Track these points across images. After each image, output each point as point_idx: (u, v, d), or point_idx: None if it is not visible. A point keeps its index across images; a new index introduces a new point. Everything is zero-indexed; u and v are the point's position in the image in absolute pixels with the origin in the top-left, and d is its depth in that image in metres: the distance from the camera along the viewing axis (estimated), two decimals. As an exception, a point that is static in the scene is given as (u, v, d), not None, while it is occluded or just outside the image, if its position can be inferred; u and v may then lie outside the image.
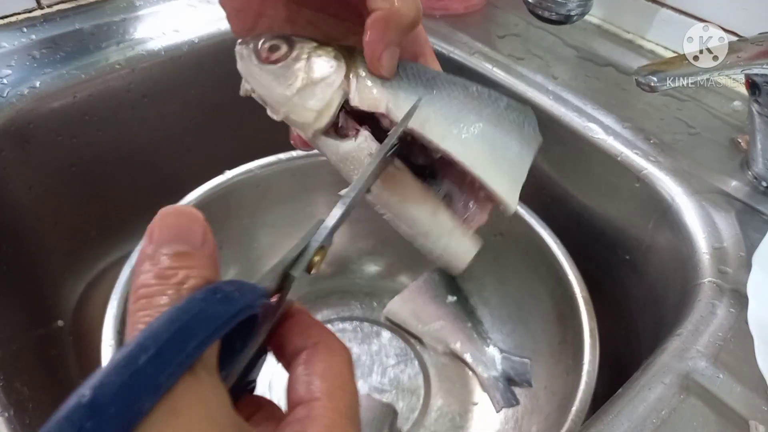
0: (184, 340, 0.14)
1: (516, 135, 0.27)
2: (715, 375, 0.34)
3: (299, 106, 0.26)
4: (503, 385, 0.52)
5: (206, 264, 0.17)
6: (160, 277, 0.16)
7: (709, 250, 0.42)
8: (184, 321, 0.14)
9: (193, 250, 0.16)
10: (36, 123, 0.52)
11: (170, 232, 0.17)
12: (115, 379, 0.13)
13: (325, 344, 0.19)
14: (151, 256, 0.16)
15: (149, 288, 0.15)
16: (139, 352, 0.13)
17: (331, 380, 0.18)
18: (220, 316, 0.15)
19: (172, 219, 0.17)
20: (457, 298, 0.58)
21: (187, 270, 0.16)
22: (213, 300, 0.15)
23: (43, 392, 0.47)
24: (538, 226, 0.50)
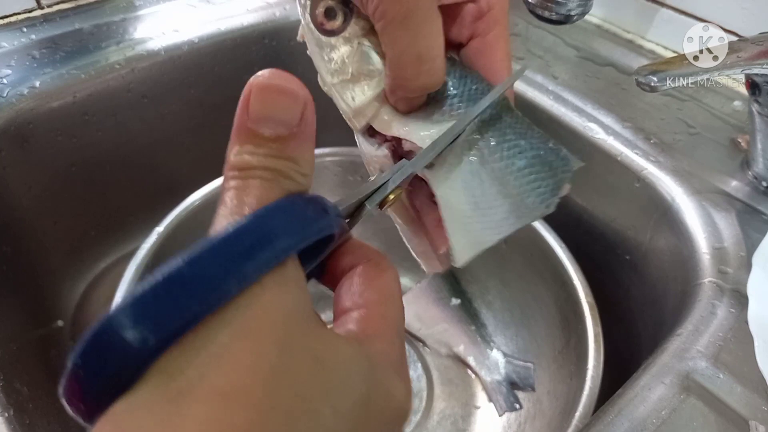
0: (277, 240, 0.14)
1: (512, 202, 0.25)
2: (715, 375, 0.34)
3: (341, 92, 0.26)
4: (506, 389, 0.52)
5: (303, 151, 0.16)
6: (260, 164, 0.16)
7: (710, 250, 0.42)
8: (282, 222, 0.15)
9: (290, 133, 0.16)
10: (36, 123, 0.52)
11: (266, 110, 0.16)
12: (210, 260, 0.13)
13: (374, 261, 0.19)
14: (246, 131, 0.16)
15: (244, 167, 0.15)
16: (234, 241, 0.14)
17: (380, 292, 0.18)
18: (311, 227, 0.16)
19: (269, 94, 0.16)
20: (461, 301, 0.58)
21: (286, 163, 0.16)
22: (304, 209, 0.16)
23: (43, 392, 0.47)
24: (542, 230, 0.50)
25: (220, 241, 0.14)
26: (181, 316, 0.13)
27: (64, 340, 0.57)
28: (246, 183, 0.15)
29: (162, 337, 0.13)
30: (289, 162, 0.16)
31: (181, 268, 0.13)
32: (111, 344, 0.12)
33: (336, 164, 0.56)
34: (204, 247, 0.14)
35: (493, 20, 0.23)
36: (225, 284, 0.13)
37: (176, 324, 0.13)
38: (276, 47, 0.64)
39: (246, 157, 0.16)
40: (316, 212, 0.16)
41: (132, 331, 0.12)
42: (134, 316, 0.12)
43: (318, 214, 0.16)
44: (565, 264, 0.47)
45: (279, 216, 0.15)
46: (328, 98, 0.27)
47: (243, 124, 0.16)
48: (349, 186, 0.58)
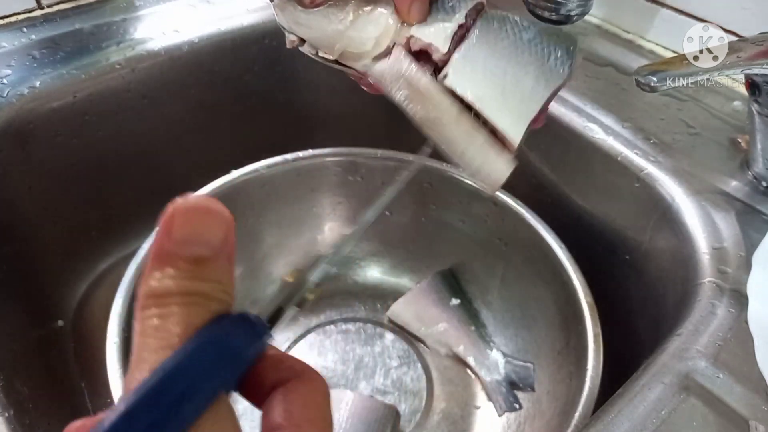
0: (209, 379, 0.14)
1: (534, 69, 0.27)
2: (715, 375, 0.34)
3: (355, 38, 0.27)
4: (506, 389, 0.52)
5: (225, 273, 0.16)
6: (180, 289, 0.15)
7: (709, 250, 0.42)
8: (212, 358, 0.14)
9: (213, 255, 0.15)
10: (36, 123, 0.52)
11: (191, 231, 0.15)
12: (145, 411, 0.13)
13: (305, 376, 0.18)
14: (164, 255, 0.15)
15: (166, 299, 0.15)
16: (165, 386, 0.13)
17: (312, 410, 0.17)
18: (243, 356, 0.15)
19: (194, 215, 0.16)
20: (461, 301, 0.58)
21: (209, 285, 0.15)
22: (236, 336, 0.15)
23: (43, 392, 0.47)
24: (542, 230, 0.50)
25: (150, 390, 0.13)
26: None
27: (64, 340, 0.57)
28: (170, 311, 0.15)
29: None
30: (214, 283, 0.15)
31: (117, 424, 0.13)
32: None
33: (336, 164, 0.56)
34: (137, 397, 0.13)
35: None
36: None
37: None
38: (276, 47, 0.64)
39: (167, 282, 0.15)
40: (245, 336, 0.16)
41: None
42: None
43: (248, 337, 0.16)
44: (565, 264, 0.47)
45: (209, 351, 0.14)
46: (328, 101, 0.27)
47: (163, 248, 0.15)
48: (349, 186, 0.58)
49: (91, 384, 0.55)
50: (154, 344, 0.14)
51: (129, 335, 0.41)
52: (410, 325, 0.58)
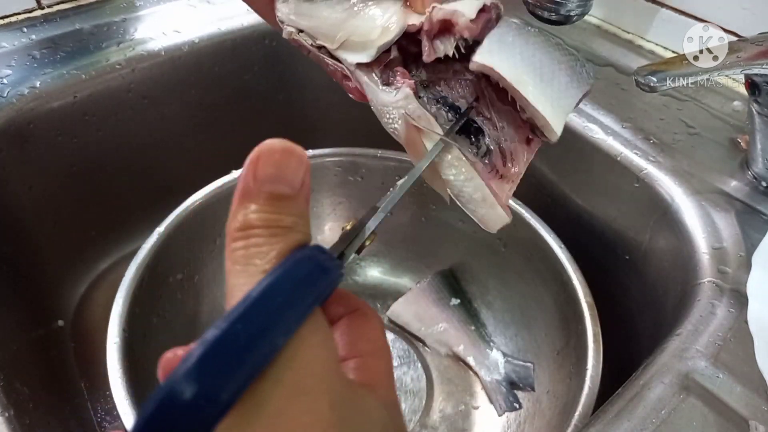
0: (306, 293, 0.15)
1: (566, 68, 0.27)
2: (715, 375, 0.34)
3: (360, 26, 0.26)
4: (506, 389, 0.52)
5: (303, 210, 0.17)
6: (266, 222, 0.16)
7: (709, 250, 0.42)
8: (306, 275, 0.15)
9: (293, 193, 0.17)
10: (36, 123, 0.52)
11: (275, 170, 0.16)
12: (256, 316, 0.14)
13: (362, 311, 0.20)
14: (250, 192, 0.16)
15: (254, 231, 0.16)
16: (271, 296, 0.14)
17: (373, 342, 0.19)
18: (329, 277, 0.16)
19: (279, 156, 0.17)
20: (461, 301, 0.58)
21: (291, 219, 0.16)
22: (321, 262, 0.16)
23: (43, 392, 0.47)
24: (542, 230, 0.50)
25: (257, 298, 0.14)
26: (240, 372, 0.13)
27: (64, 340, 0.57)
28: (256, 241, 0.16)
29: (226, 395, 0.13)
30: (296, 218, 0.17)
31: (231, 327, 0.14)
32: (175, 411, 0.13)
33: (336, 164, 0.56)
34: (246, 305, 0.14)
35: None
36: (274, 337, 0.14)
37: (237, 381, 0.13)
38: (276, 47, 0.64)
39: (253, 216, 0.16)
40: (328, 263, 0.17)
41: (196, 395, 0.13)
42: (196, 379, 0.13)
43: (330, 265, 0.17)
44: (565, 264, 0.47)
45: (302, 269, 0.16)
46: (328, 101, 0.27)
47: (249, 186, 0.16)
48: (349, 186, 0.58)
49: (91, 384, 0.55)
50: (244, 271, 0.16)
51: (129, 335, 0.41)
52: (410, 325, 0.58)
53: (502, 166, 0.28)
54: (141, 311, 0.43)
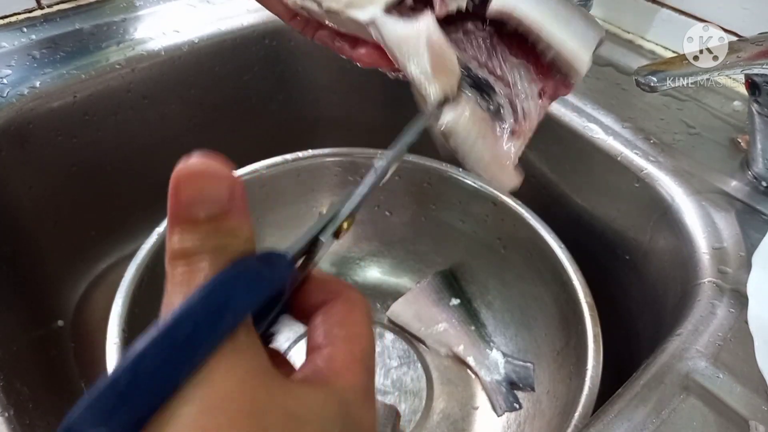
0: (219, 317, 0.15)
1: (581, 14, 0.27)
2: (715, 375, 0.34)
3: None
4: (506, 389, 0.52)
5: (235, 225, 0.17)
6: (193, 242, 0.16)
7: (709, 250, 0.42)
8: (220, 298, 0.15)
9: (221, 211, 0.16)
10: (36, 123, 0.52)
11: (195, 193, 0.16)
12: (154, 353, 0.14)
13: (343, 296, 0.20)
14: (180, 218, 0.16)
15: (187, 253, 0.16)
16: (174, 329, 0.14)
17: (348, 328, 0.19)
18: (253, 295, 0.16)
19: (198, 178, 0.16)
20: (461, 301, 0.58)
21: (224, 236, 0.16)
22: (244, 279, 0.16)
23: (43, 392, 0.47)
24: (542, 230, 0.50)
25: (164, 329, 0.14)
26: (135, 412, 0.13)
27: (64, 340, 0.57)
28: (192, 268, 0.16)
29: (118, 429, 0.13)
30: (228, 236, 0.17)
31: (131, 365, 0.14)
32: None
33: (336, 164, 0.56)
34: (150, 338, 0.14)
35: None
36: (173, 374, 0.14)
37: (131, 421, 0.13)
38: (276, 47, 0.64)
39: (187, 243, 0.16)
40: (260, 273, 0.17)
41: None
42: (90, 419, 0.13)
43: (263, 274, 0.17)
44: (565, 264, 0.47)
45: (221, 288, 0.15)
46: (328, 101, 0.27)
47: (175, 212, 0.16)
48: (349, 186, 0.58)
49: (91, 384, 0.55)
50: (180, 289, 0.16)
51: (129, 335, 0.41)
52: (410, 325, 0.58)
53: (513, 123, 0.27)
54: (141, 311, 0.43)
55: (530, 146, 0.61)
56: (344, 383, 0.18)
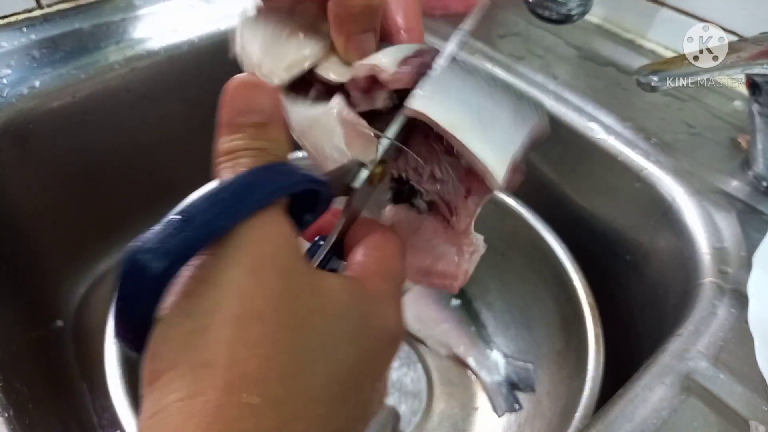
0: (256, 189, 0.17)
1: (509, 110, 0.24)
2: (715, 375, 0.34)
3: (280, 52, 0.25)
4: (506, 390, 0.52)
5: (275, 134, 0.19)
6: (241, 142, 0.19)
7: (710, 250, 0.42)
8: (259, 176, 0.18)
9: (267, 120, 0.19)
10: (35, 123, 0.52)
11: (245, 102, 0.19)
12: (202, 204, 0.16)
13: (381, 231, 0.22)
14: (230, 124, 0.19)
15: (233, 151, 0.19)
16: (222, 191, 0.17)
17: (383, 250, 0.22)
18: (284, 179, 0.18)
19: (247, 90, 0.19)
20: (461, 302, 0.58)
21: (265, 140, 0.19)
22: (282, 168, 0.18)
23: (43, 392, 0.47)
24: (543, 230, 0.50)
25: (213, 190, 0.17)
26: (189, 244, 0.16)
27: (64, 340, 0.57)
28: (236, 162, 0.18)
29: (173, 263, 0.15)
30: (271, 141, 0.19)
31: (184, 211, 0.16)
32: (136, 275, 0.15)
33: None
34: (202, 195, 0.17)
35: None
36: (218, 221, 0.16)
37: (184, 253, 0.16)
38: (276, 47, 0.64)
39: (234, 143, 0.19)
40: (293, 171, 0.19)
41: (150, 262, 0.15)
42: (148, 248, 0.15)
43: (295, 172, 0.19)
44: (566, 265, 0.47)
45: (261, 172, 0.18)
46: None
47: (225, 118, 0.19)
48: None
49: (92, 384, 0.55)
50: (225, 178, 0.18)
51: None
52: (410, 326, 0.57)
53: (450, 217, 0.26)
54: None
55: (530, 146, 0.61)
56: (373, 283, 0.20)
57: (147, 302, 0.15)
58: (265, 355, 0.15)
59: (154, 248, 0.15)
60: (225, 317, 0.15)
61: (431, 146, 0.25)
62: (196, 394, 0.14)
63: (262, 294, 0.16)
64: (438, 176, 0.26)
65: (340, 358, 0.17)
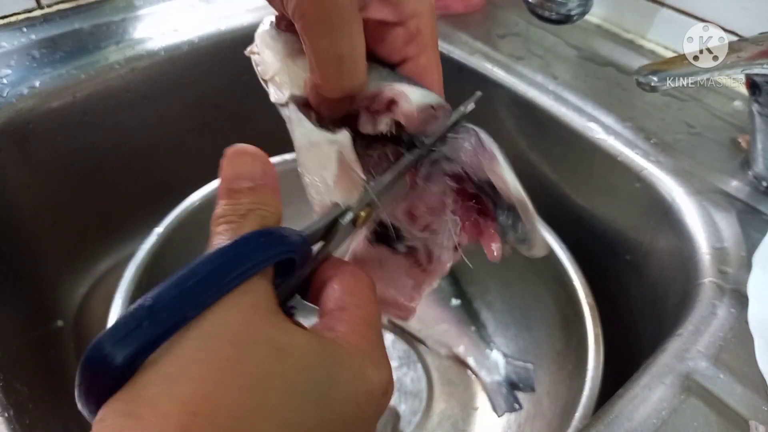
0: (226, 271, 0.17)
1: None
2: (715, 375, 0.34)
3: (292, 69, 0.26)
4: (506, 390, 0.52)
5: (262, 197, 0.20)
6: (230, 211, 0.20)
7: (710, 250, 0.42)
8: (228, 256, 0.18)
9: (256, 185, 0.20)
10: (35, 123, 0.52)
11: (233, 170, 0.20)
12: (170, 293, 0.16)
13: (351, 271, 0.22)
14: (224, 189, 0.20)
15: (224, 215, 0.19)
16: (190, 276, 0.17)
17: (357, 295, 0.21)
18: (268, 252, 0.18)
19: (237, 158, 0.21)
20: (461, 302, 0.58)
21: (248, 206, 0.20)
22: (257, 242, 0.18)
23: (43, 392, 0.47)
24: (543, 230, 0.49)
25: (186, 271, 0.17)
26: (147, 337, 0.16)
27: (64, 340, 0.57)
28: (228, 226, 0.19)
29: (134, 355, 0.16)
30: (259, 204, 0.20)
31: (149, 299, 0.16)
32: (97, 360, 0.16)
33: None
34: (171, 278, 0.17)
35: (423, 44, 0.25)
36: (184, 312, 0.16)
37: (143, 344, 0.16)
38: (276, 47, 0.64)
39: (223, 208, 0.20)
40: (279, 238, 0.19)
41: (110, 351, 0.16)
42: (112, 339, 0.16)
43: (281, 239, 0.19)
44: (566, 265, 0.47)
45: (243, 243, 0.18)
46: None
47: (222, 184, 0.20)
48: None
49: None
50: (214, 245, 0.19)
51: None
52: (410, 326, 0.57)
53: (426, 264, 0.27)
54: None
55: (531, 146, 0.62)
56: (348, 340, 0.19)
57: (107, 391, 0.16)
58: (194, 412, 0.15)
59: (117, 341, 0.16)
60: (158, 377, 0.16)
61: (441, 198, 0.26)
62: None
63: (204, 358, 0.16)
64: (433, 227, 0.26)
65: (302, 420, 0.17)
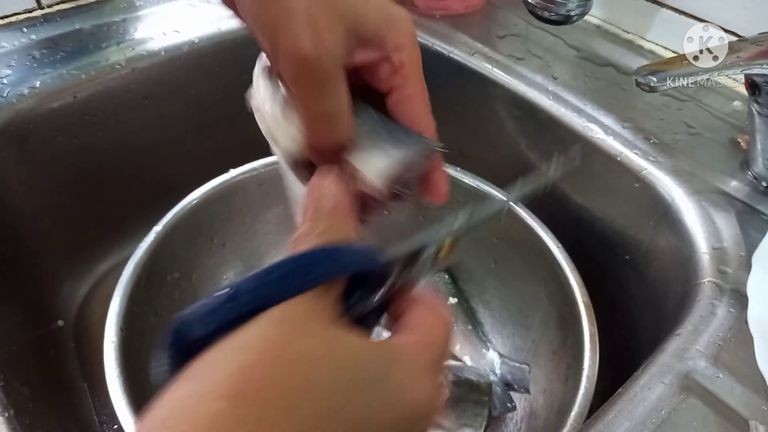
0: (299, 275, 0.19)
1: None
2: (715, 375, 0.34)
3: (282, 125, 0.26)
4: (501, 390, 0.52)
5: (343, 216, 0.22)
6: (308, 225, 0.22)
7: (709, 250, 0.42)
8: (308, 261, 0.19)
9: (334, 205, 0.22)
10: (36, 123, 0.52)
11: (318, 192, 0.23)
12: (249, 285, 0.18)
13: (430, 302, 0.22)
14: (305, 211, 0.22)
15: (302, 235, 0.21)
16: (269, 274, 0.18)
17: (432, 327, 0.21)
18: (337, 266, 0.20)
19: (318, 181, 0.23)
20: (458, 300, 0.58)
21: (324, 226, 0.21)
22: (324, 255, 0.20)
23: (43, 392, 0.47)
24: (539, 229, 0.50)
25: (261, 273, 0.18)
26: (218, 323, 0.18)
27: (64, 340, 0.57)
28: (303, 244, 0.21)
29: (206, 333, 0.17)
30: (336, 223, 0.22)
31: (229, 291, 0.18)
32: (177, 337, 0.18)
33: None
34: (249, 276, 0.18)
35: (407, 75, 0.26)
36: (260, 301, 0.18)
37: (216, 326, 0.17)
38: (276, 47, 0.64)
39: (303, 227, 0.22)
40: (350, 253, 0.20)
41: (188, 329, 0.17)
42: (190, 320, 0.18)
43: (352, 255, 0.20)
44: (562, 264, 0.47)
45: (312, 255, 0.19)
46: None
47: (304, 207, 0.23)
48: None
49: (92, 384, 0.55)
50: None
51: (127, 334, 0.41)
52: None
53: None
54: (139, 310, 0.43)
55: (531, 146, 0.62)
56: (409, 349, 0.20)
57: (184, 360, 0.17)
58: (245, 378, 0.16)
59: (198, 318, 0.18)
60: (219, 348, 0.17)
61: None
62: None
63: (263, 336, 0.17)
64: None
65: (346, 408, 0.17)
